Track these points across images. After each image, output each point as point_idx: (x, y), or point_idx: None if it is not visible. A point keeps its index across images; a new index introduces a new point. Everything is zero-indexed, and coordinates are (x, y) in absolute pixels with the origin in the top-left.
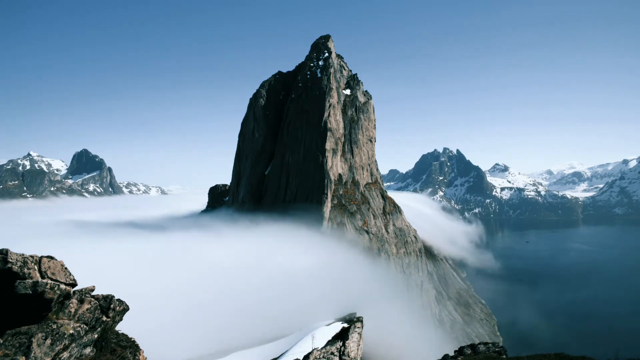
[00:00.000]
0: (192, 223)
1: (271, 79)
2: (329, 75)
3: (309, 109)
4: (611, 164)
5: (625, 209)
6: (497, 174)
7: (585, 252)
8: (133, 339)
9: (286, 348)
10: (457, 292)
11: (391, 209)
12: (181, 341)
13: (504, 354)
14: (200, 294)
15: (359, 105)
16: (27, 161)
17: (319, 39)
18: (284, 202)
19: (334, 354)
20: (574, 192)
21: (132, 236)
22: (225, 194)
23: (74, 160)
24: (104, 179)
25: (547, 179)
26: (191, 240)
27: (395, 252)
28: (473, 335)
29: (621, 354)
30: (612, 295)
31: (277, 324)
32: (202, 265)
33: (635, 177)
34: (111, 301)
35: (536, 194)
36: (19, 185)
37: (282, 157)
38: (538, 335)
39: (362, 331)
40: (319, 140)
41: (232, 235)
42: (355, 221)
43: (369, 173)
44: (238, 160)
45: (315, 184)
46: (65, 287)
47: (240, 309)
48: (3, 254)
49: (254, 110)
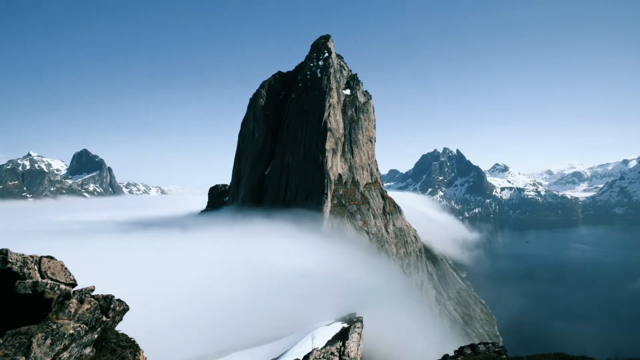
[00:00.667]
0: (192, 223)
1: (271, 79)
2: (329, 75)
3: (309, 109)
4: (611, 164)
5: (625, 209)
6: (497, 174)
7: (585, 252)
8: (133, 339)
9: (286, 348)
10: (457, 292)
11: (391, 209)
12: (181, 341)
13: (504, 354)
14: (200, 294)
15: (359, 105)
16: (27, 161)
17: (319, 39)
18: (284, 202)
19: (334, 354)
20: (574, 192)
21: (132, 236)
22: (225, 194)
23: (74, 160)
24: (104, 179)
25: (547, 179)
26: (191, 240)
27: (395, 252)
28: (473, 335)
29: (621, 354)
30: (612, 295)
31: (277, 324)
32: (202, 266)
33: (635, 177)
34: (111, 301)
35: (536, 194)
36: (19, 185)
37: (282, 157)
38: (538, 335)
39: (362, 331)
40: (319, 140)
41: (232, 236)
42: (355, 221)
43: (369, 173)
44: (238, 160)
45: (315, 184)
46: (65, 287)
47: (240, 308)
48: (3, 254)
49: (254, 110)
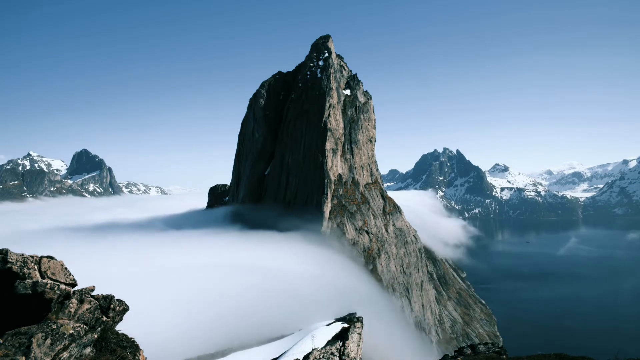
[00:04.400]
0: (192, 223)
1: (271, 79)
2: (329, 75)
3: (309, 109)
4: (611, 164)
5: (625, 209)
6: (497, 174)
7: (585, 252)
8: (133, 339)
9: (286, 348)
10: (457, 292)
11: (391, 209)
12: (181, 341)
13: (504, 354)
14: (200, 294)
15: (359, 106)
16: (27, 161)
17: (319, 39)
18: (284, 202)
19: (333, 354)
20: (574, 193)
21: (132, 236)
22: (225, 194)
23: (74, 160)
24: (103, 179)
25: (547, 179)
26: (190, 240)
27: (395, 252)
28: (473, 335)
29: (621, 354)
30: (612, 295)
31: (277, 324)
32: (202, 266)
33: (635, 177)
34: (111, 301)
35: (536, 194)
36: (18, 185)
37: (282, 157)
38: (538, 335)
39: (362, 331)
40: (319, 140)
41: (231, 236)
42: (355, 221)
43: (369, 173)
44: (238, 160)
45: (315, 184)
46: (65, 287)
47: (240, 308)
48: (3, 254)
49: (254, 110)
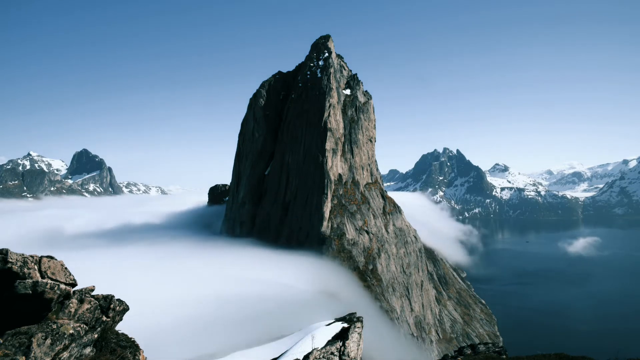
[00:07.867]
0: (192, 223)
1: (271, 79)
2: (329, 75)
3: (309, 109)
4: (611, 164)
5: (625, 209)
6: (497, 174)
7: (585, 252)
8: (133, 339)
9: (286, 348)
10: (457, 292)
11: (391, 209)
12: (181, 341)
13: (504, 354)
14: (200, 295)
15: (359, 105)
16: (27, 161)
17: (319, 39)
18: (284, 202)
19: (334, 354)
20: (574, 192)
21: (132, 236)
22: (225, 194)
23: (74, 160)
24: (104, 179)
25: (547, 179)
26: (190, 240)
27: (395, 252)
28: (473, 335)
29: (621, 354)
30: (612, 295)
31: (277, 324)
32: (202, 266)
33: (635, 177)
34: (111, 301)
35: (536, 194)
36: (19, 185)
37: (282, 157)
38: (538, 335)
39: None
40: (319, 140)
41: (230, 236)
42: (355, 221)
43: (369, 173)
44: (238, 160)
45: (315, 184)
46: (65, 287)
47: (239, 308)
48: (3, 254)
49: (254, 110)
